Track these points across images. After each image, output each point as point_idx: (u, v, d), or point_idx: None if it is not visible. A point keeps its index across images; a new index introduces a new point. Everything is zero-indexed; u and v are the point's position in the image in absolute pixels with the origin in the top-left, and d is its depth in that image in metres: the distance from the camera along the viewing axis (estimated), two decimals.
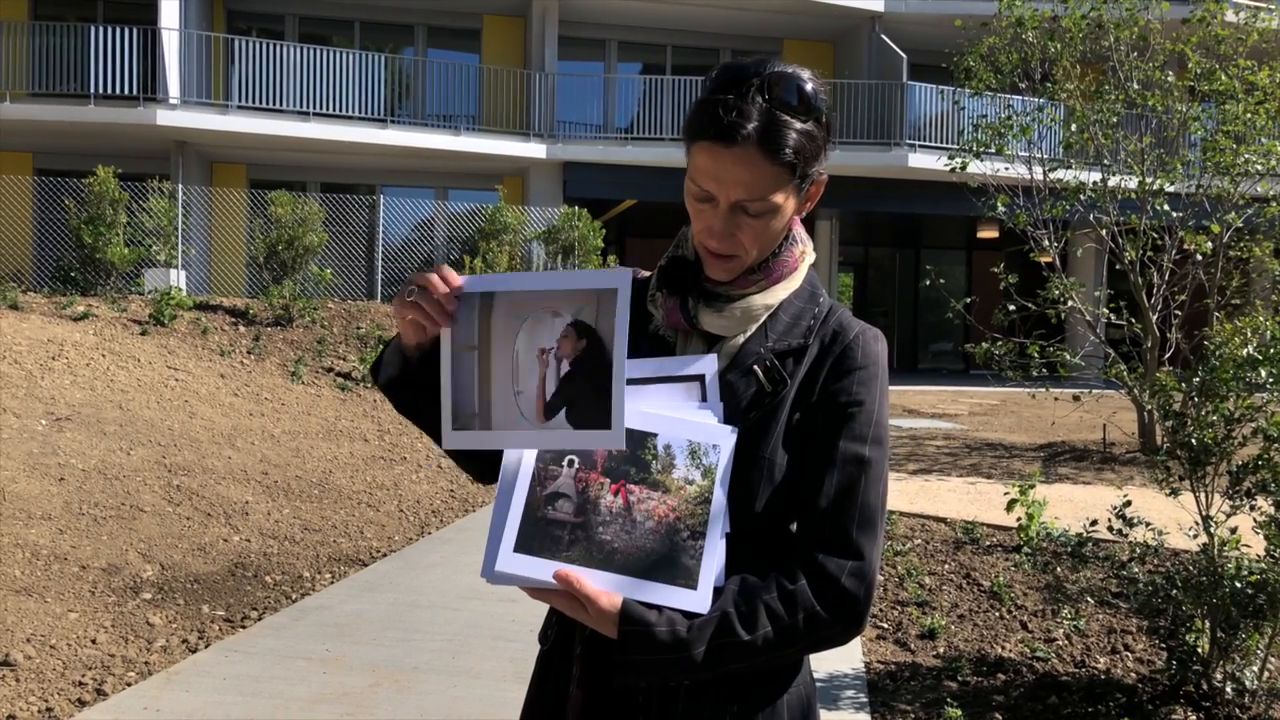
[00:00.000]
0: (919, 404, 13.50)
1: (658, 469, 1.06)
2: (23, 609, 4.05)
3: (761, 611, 1.03)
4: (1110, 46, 9.01)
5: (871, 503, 1.09)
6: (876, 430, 1.12)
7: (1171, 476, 3.42)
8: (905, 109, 15.72)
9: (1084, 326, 9.48)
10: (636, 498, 1.05)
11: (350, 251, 13.89)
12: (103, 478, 5.71)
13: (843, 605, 1.05)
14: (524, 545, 1.03)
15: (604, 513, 1.04)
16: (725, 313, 1.15)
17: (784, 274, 1.17)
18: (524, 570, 1.02)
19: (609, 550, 1.03)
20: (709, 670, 1.03)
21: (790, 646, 1.05)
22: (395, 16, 16.83)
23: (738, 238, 1.11)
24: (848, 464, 1.10)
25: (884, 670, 3.76)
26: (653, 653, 1.01)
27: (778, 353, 1.14)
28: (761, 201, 1.09)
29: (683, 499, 1.05)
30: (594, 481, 1.05)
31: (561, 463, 1.06)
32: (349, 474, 6.82)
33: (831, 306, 1.19)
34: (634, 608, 1.02)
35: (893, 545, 5.57)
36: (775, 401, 1.12)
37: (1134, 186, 8.93)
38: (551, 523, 1.04)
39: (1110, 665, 3.80)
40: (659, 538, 1.03)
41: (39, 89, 14.22)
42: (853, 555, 1.06)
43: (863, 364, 1.13)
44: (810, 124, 1.09)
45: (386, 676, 3.60)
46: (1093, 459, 8.85)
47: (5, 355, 7.39)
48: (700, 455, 1.06)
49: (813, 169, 1.12)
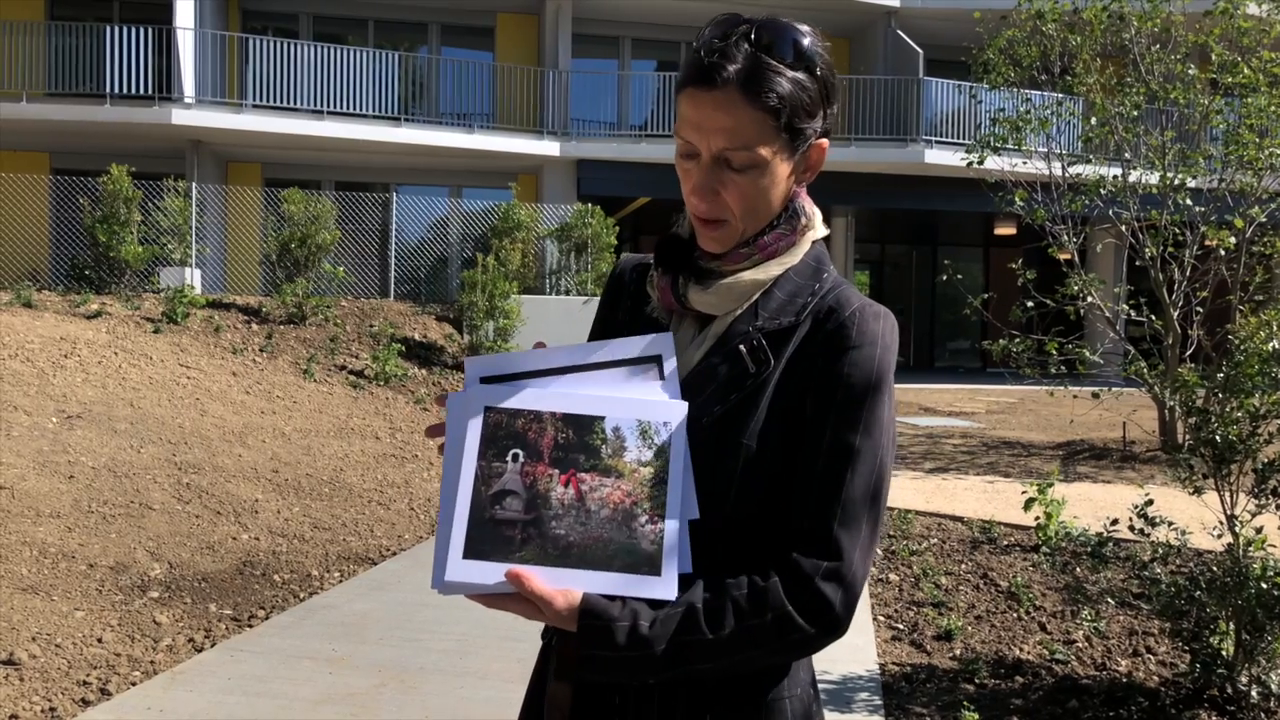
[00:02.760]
0: (936, 402, 13.38)
1: (608, 454, 0.99)
2: (29, 607, 4.03)
3: (729, 609, 0.95)
4: (1131, 39, 8.88)
5: (856, 497, 0.98)
6: (869, 417, 1.00)
7: (1195, 475, 3.33)
8: (921, 105, 15.58)
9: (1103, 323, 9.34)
10: (588, 486, 0.98)
11: (364, 249, 13.89)
12: (112, 475, 5.70)
13: (817, 609, 0.95)
14: (473, 550, 0.95)
15: (555, 506, 0.97)
16: (712, 289, 1.07)
17: (780, 249, 1.08)
18: (475, 577, 0.95)
19: (564, 545, 0.96)
20: (673, 669, 0.95)
21: (759, 648, 0.95)
22: (409, 15, 16.83)
23: (722, 197, 1.04)
24: (833, 453, 0.99)
25: (899, 672, 3.68)
26: (612, 649, 0.94)
27: (768, 332, 1.05)
28: (745, 152, 1.01)
29: (637, 482, 0.98)
30: (542, 474, 0.98)
31: (505, 458, 0.98)
32: (360, 472, 6.79)
33: (835, 282, 1.09)
34: (595, 602, 0.95)
35: (909, 545, 5.49)
36: (757, 383, 1.03)
37: (1155, 181, 8.80)
38: (501, 523, 0.97)
39: (1132, 668, 3.71)
40: (616, 526, 0.97)
41: (55, 89, 14.31)
42: (830, 555, 0.96)
43: (857, 343, 1.02)
44: (802, 74, 1.02)
45: (392, 677, 3.56)
46: (1113, 457, 8.73)
47: (18, 353, 7.41)
48: (651, 434, 1.00)
49: (805, 124, 1.04)
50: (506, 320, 10.71)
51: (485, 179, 16.16)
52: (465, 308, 10.91)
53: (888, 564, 5.17)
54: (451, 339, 11.08)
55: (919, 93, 15.62)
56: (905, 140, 15.69)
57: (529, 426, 0.99)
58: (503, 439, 0.98)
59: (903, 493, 7.09)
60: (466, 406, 0.99)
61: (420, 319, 11.36)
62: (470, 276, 10.82)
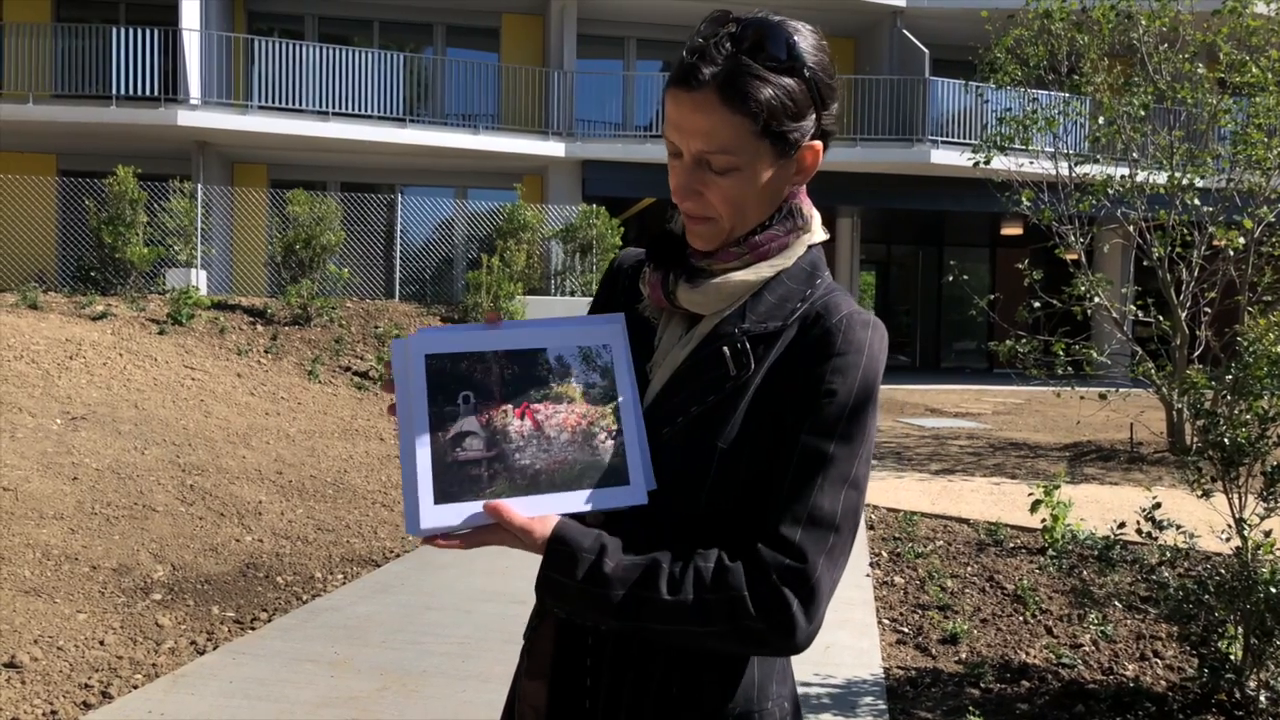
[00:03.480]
0: (942, 403, 13.33)
1: (555, 382, 1.02)
2: (31, 610, 4.03)
3: (690, 578, 0.94)
4: (1139, 38, 8.84)
5: (825, 505, 0.96)
6: (847, 426, 0.98)
7: (1203, 477, 3.30)
8: (928, 105, 15.53)
9: (1110, 324, 9.30)
10: (544, 415, 1.01)
11: (369, 251, 13.90)
12: (116, 477, 5.69)
13: (772, 605, 0.92)
14: (443, 494, 0.96)
15: (516, 439, 1.00)
16: (700, 288, 1.05)
17: (773, 250, 1.06)
18: (451, 519, 0.96)
19: (533, 474, 0.99)
20: (624, 619, 0.95)
21: (710, 626, 0.93)
22: (414, 16, 16.84)
23: (706, 197, 1.02)
24: (805, 459, 0.97)
25: (904, 676, 3.65)
26: (571, 578, 0.95)
27: (753, 335, 1.03)
28: (724, 156, 1.00)
29: (590, 403, 1.02)
30: (496, 411, 1.00)
31: (456, 401, 1.00)
32: (364, 473, 6.78)
33: (828, 288, 1.07)
34: (568, 530, 0.97)
35: (914, 547, 5.46)
36: (737, 386, 1.01)
37: (1163, 181, 8.75)
38: (465, 463, 0.98)
39: (1139, 672, 3.67)
40: (578, 447, 1.00)
41: (62, 90, 14.34)
42: (793, 557, 0.94)
43: (841, 350, 1.00)
44: (787, 77, 0.99)
45: (394, 680, 3.54)
46: (1120, 459, 8.68)
47: (23, 354, 7.42)
48: (594, 357, 1.04)
49: (790, 129, 1.01)
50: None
51: (490, 180, 16.16)
52: (470, 309, 10.90)
53: (893, 566, 5.14)
54: None
55: (925, 92, 15.57)
56: (911, 140, 15.64)
57: (473, 368, 1.00)
58: (450, 384, 0.99)
59: (908, 494, 7.06)
60: (407, 358, 0.99)
61: (425, 320, 11.36)
62: (475, 277, 10.82)
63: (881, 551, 5.42)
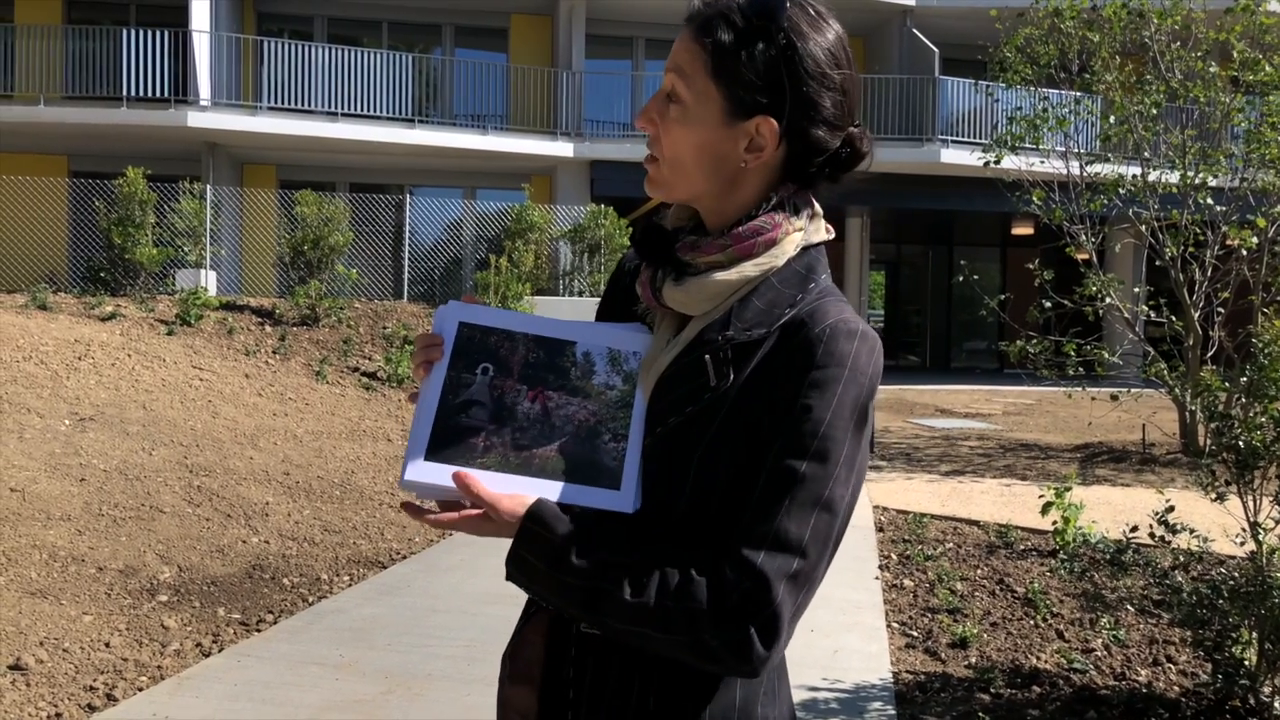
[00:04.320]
0: (952, 403, 13.27)
1: (576, 375, 1.03)
2: (37, 611, 4.03)
3: (655, 583, 0.91)
4: (1151, 36, 8.77)
5: (792, 529, 0.90)
6: (822, 444, 0.92)
7: (1217, 480, 3.25)
8: (937, 104, 15.47)
9: (1122, 324, 9.23)
10: (555, 403, 1.01)
11: (378, 251, 13.91)
12: (124, 478, 5.70)
13: (729, 627, 0.89)
14: (436, 453, 0.97)
15: (520, 418, 1.00)
16: (684, 286, 1.01)
17: (757, 247, 1.00)
18: (435, 478, 0.97)
19: (527, 455, 0.99)
20: (586, 611, 0.93)
21: (667, 634, 0.90)
22: (423, 16, 16.86)
23: (656, 131, 1.03)
24: (775, 478, 0.92)
25: (913, 681, 3.62)
26: (539, 558, 0.94)
27: (737, 344, 0.98)
28: (676, 79, 1.01)
29: (603, 404, 1.02)
30: (510, 389, 1.01)
31: (475, 370, 1.01)
32: (371, 474, 6.77)
33: (820, 293, 1.01)
34: (546, 511, 0.95)
35: (924, 549, 5.42)
36: (716, 397, 0.97)
37: (1175, 180, 8.68)
38: (465, 429, 0.99)
39: (1152, 678, 3.63)
40: (579, 441, 1.00)
41: (73, 92, 14.41)
42: (753, 580, 0.89)
43: (821, 363, 0.94)
44: (761, 40, 0.98)
45: (399, 684, 3.52)
46: (1132, 460, 8.61)
47: (32, 355, 7.44)
48: (621, 362, 1.03)
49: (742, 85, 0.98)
50: None
51: (499, 180, 16.16)
52: None
53: (902, 569, 5.10)
54: None
55: (935, 92, 15.50)
56: (921, 140, 15.58)
57: (501, 344, 1.02)
58: (474, 353, 1.02)
59: (918, 495, 7.02)
60: (444, 322, 1.03)
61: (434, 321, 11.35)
62: (483, 278, 10.81)
63: (891, 554, 5.38)
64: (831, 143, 1.03)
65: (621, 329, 1.06)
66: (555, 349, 1.03)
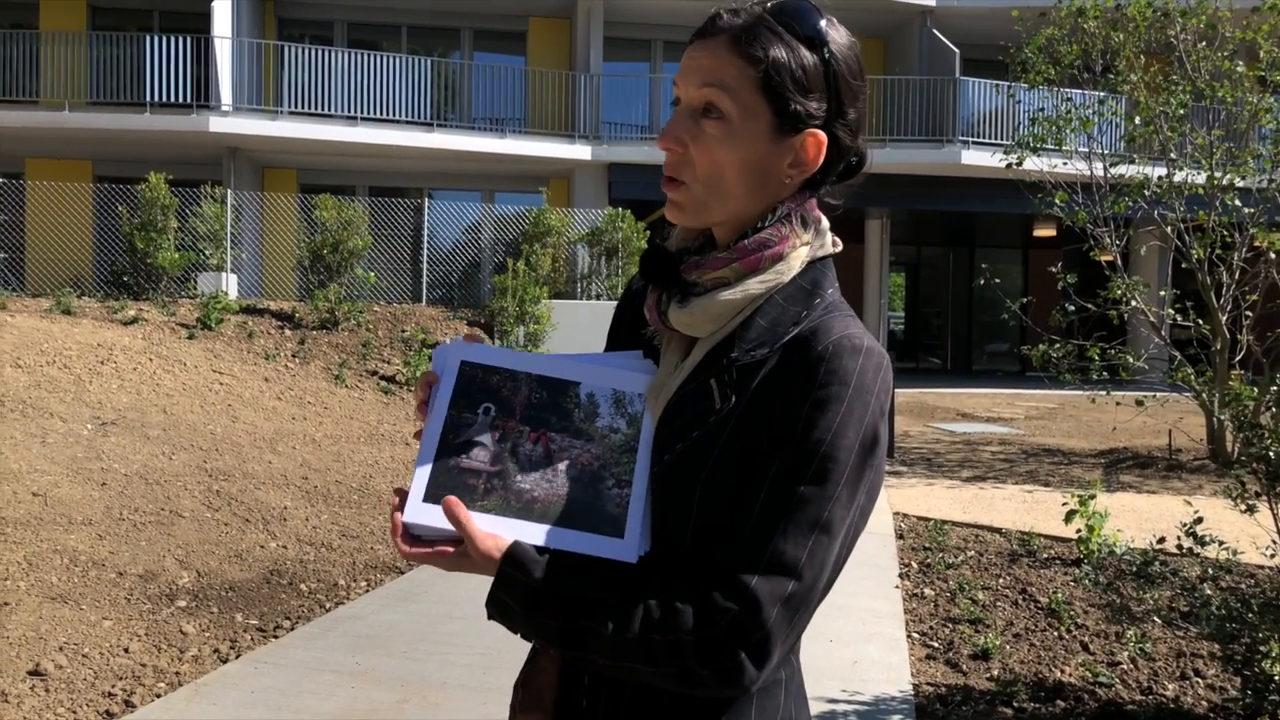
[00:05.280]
0: (973, 407, 13.15)
1: (580, 417, 1.00)
2: (57, 617, 4.04)
3: (639, 616, 0.89)
4: (1177, 35, 8.65)
5: (789, 551, 0.88)
6: (822, 465, 0.89)
7: (1246, 492, 3.19)
8: (958, 105, 15.35)
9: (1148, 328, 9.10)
10: (558, 446, 0.99)
11: (397, 255, 13.96)
12: (144, 483, 5.73)
13: (718, 654, 0.87)
14: (434, 495, 0.95)
15: (523, 461, 0.98)
16: (689, 307, 0.98)
17: (763, 261, 0.97)
18: (432, 520, 0.94)
19: (528, 499, 0.96)
20: (568, 648, 0.91)
21: (653, 665, 0.88)
22: (442, 20, 16.91)
23: (689, 152, 0.97)
24: (772, 499, 0.89)
25: (933, 693, 3.56)
26: (519, 601, 0.92)
27: (742, 366, 0.95)
28: (718, 93, 0.95)
29: (607, 447, 0.98)
30: (512, 430, 0.99)
31: (476, 410, 0.99)
32: (389, 478, 6.78)
33: (826, 309, 0.98)
34: (523, 554, 0.92)
35: (944, 557, 5.35)
36: (719, 420, 0.94)
37: (1202, 181, 8.56)
38: (465, 471, 0.96)
39: (1179, 692, 3.56)
40: (582, 486, 0.97)
41: (97, 98, 14.56)
42: (744, 604, 0.87)
43: (824, 381, 0.91)
44: (806, 50, 0.96)
45: (415, 692, 3.51)
46: (1158, 466, 8.49)
47: (55, 360, 7.50)
48: (625, 404, 1.00)
49: (793, 98, 0.95)
50: (537, 325, 10.69)
51: (518, 183, 16.19)
52: (496, 313, 10.91)
53: (923, 578, 5.04)
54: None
55: (955, 93, 15.39)
56: (941, 141, 15.46)
57: (503, 384, 1.00)
58: (475, 393, 1.00)
59: (938, 502, 6.94)
60: (446, 360, 1.02)
61: (452, 324, 11.37)
62: (501, 282, 10.82)
63: (911, 562, 5.32)
64: (854, 153, 1.02)
65: (626, 364, 1.04)
66: (558, 389, 1.01)
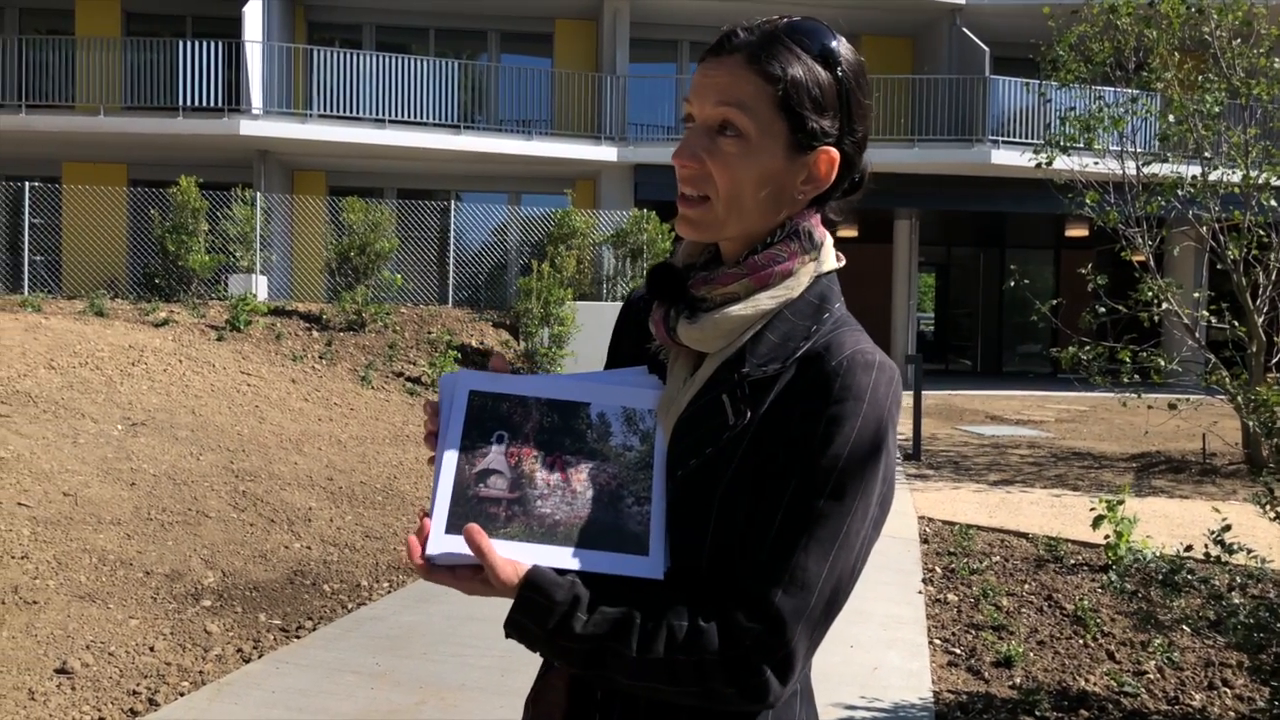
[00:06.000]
0: (1003, 409, 13.00)
1: (593, 438, 1.00)
2: (85, 615, 4.11)
3: (662, 636, 0.89)
4: (1211, 32, 8.50)
5: (810, 567, 0.89)
6: (840, 480, 0.90)
7: (1276, 499, 3.12)
8: (988, 104, 15.19)
9: (1182, 330, 8.95)
10: (574, 468, 0.99)
11: (423, 256, 14.06)
12: (172, 483, 5.81)
13: (743, 672, 0.88)
14: (455, 525, 0.95)
15: (541, 486, 0.98)
16: (699, 323, 0.99)
17: (773, 276, 0.98)
18: (456, 550, 0.95)
19: (550, 524, 0.96)
20: (590, 669, 0.91)
21: (677, 685, 0.89)
22: (469, 23, 17.01)
23: (706, 167, 0.97)
24: (792, 515, 0.90)
25: (954, 701, 3.52)
26: (539, 627, 0.91)
27: (753, 381, 0.96)
28: (736, 111, 0.95)
29: (623, 466, 0.99)
30: (527, 456, 0.99)
31: (490, 439, 0.99)
32: (413, 479, 6.82)
33: (835, 323, 0.99)
34: (543, 577, 0.92)
35: (969, 562, 5.29)
36: (733, 436, 0.95)
37: (1237, 180, 8.40)
38: (485, 500, 0.97)
39: (1206, 702, 3.49)
40: (602, 507, 0.97)
41: (132, 102, 14.80)
42: (769, 624, 0.88)
43: (839, 397, 0.92)
44: (821, 68, 0.97)
45: (433, 694, 3.53)
46: (1191, 471, 8.35)
47: (88, 361, 7.63)
48: (637, 420, 1.01)
49: (809, 116, 0.96)
50: (561, 327, 10.71)
51: (544, 185, 16.24)
52: (521, 314, 10.95)
53: (946, 583, 4.98)
54: (508, 345, 11.13)
55: (985, 91, 15.22)
56: (971, 140, 15.31)
57: (514, 410, 1.01)
58: (487, 421, 1.00)
59: (964, 506, 6.87)
60: (454, 389, 1.01)
61: (477, 325, 11.43)
62: (526, 284, 10.85)
63: (934, 567, 5.27)
64: (859, 170, 1.04)
65: (632, 381, 1.04)
66: (569, 412, 1.01)
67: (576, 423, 1.00)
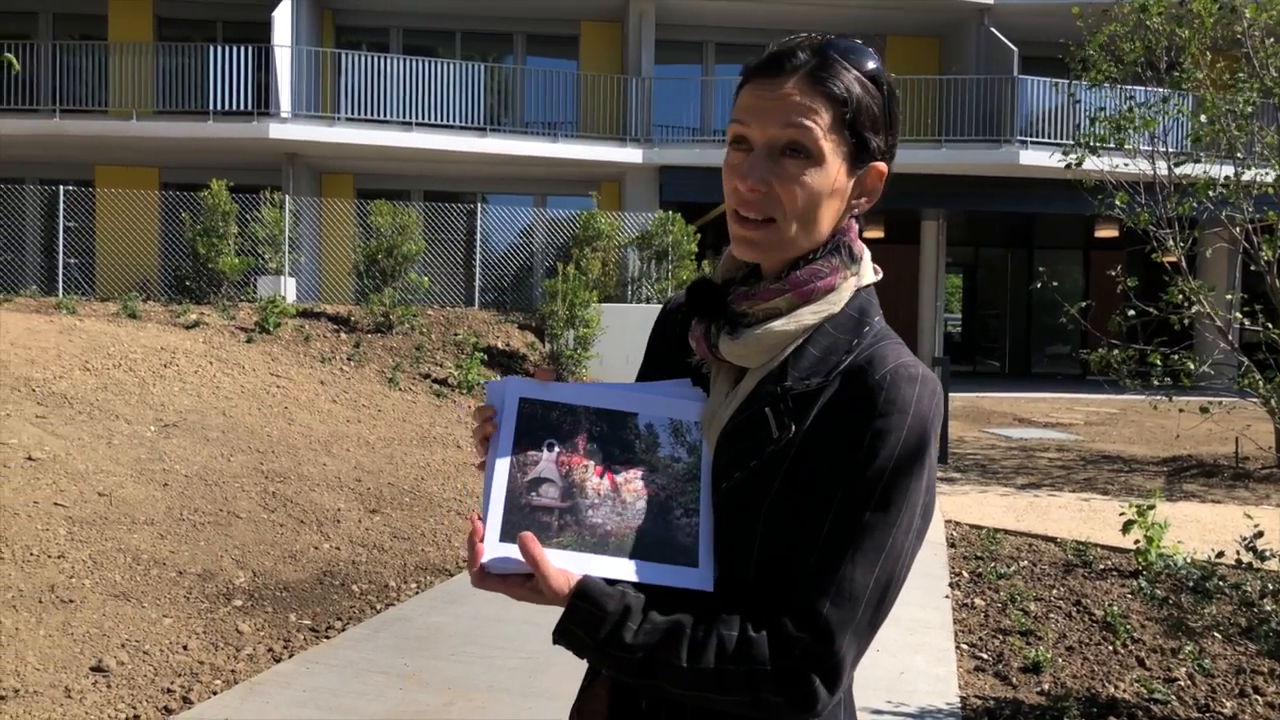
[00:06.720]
0: (1031, 412, 12.89)
1: (642, 448, 1.01)
2: (120, 614, 4.18)
3: (713, 646, 0.91)
4: (1245, 32, 8.38)
5: (857, 578, 0.91)
6: (886, 492, 0.92)
7: None
8: (1016, 104, 15.06)
9: (1214, 332, 8.83)
10: (624, 478, 1.00)
11: (450, 259, 14.15)
12: (203, 484, 5.89)
13: (794, 681, 0.90)
14: (509, 534, 0.96)
15: (591, 495, 0.99)
16: (741, 339, 1.00)
17: (815, 291, 1.00)
18: (510, 556, 0.96)
19: (602, 534, 0.97)
20: (640, 679, 0.93)
21: (727, 694, 0.91)
22: (495, 26, 17.10)
23: (774, 190, 0.97)
24: (839, 527, 0.92)
25: (981, 706, 3.50)
26: (590, 637, 0.93)
27: (797, 394, 0.97)
28: (801, 129, 0.96)
29: (671, 477, 1.00)
30: (577, 464, 1.00)
31: (540, 447, 1.00)
32: (440, 481, 6.87)
33: (876, 336, 1.00)
34: (593, 588, 0.93)
35: (996, 567, 5.26)
36: (778, 449, 0.96)
37: (1271, 181, 8.28)
38: (537, 509, 0.98)
39: (1237, 710, 3.45)
40: (652, 518, 0.98)
41: (164, 106, 15.02)
42: (818, 634, 0.90)
43: (884, 411, 0.94)
44: (874, 86, 0.99)
45: (461, 695, 3.56)
46: (1224, 475, 8.24)
47: (121, 363, 7.75)
48: (684, 432, 1.02)
49: (868, 134, 0.99)
50: (586, 329, 10.74)
51: (569, 187, 16.29)
52: (546, 316, 10.99)
53: (973, 587, 4.95)
54: (533, 347, 11.18)
55: (1014, 92, 15.10)
56: (999, 141, 15.19)
57: (563, 419, 1.01)
58: (538, 429, 1.00)
59: (992, 510, 6.82)
60: (503, 396, 1.02)
61: (503, 327, 11.49)
62: (551, 286, 10.89)
63: (962, 571, 5.24)
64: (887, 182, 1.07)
65: (677, 393, 1.05)
66: (617, 422, 1.02)
67: (625, 433, 1.01)
